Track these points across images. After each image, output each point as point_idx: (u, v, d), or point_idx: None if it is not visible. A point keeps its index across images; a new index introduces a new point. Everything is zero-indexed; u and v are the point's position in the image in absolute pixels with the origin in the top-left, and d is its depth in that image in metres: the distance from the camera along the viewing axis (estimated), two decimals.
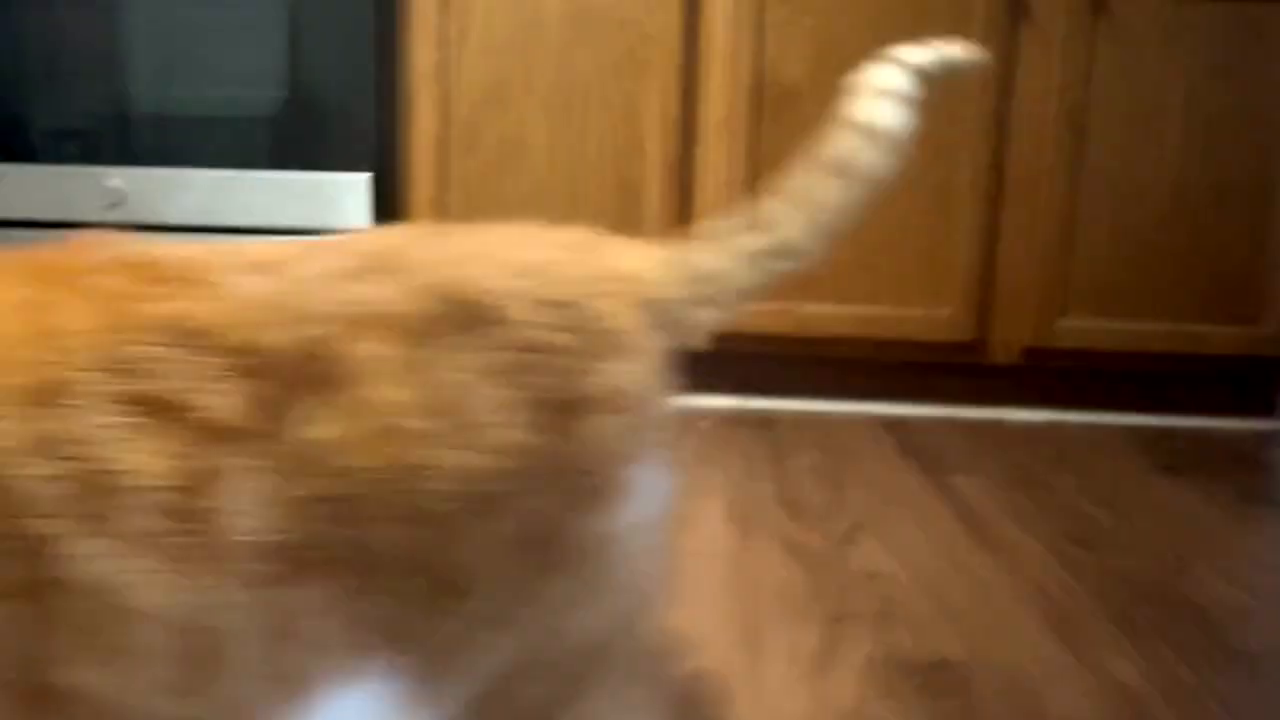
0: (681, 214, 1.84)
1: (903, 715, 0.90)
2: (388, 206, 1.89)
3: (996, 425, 1.85)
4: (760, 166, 1.82)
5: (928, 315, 1.85)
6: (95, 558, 0.40)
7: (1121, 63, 1.78)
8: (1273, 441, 1.81)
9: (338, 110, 1.86)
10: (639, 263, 0.55)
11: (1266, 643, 1.05)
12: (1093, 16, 1.77)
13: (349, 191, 1.85)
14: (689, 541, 1.26)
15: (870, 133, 0.61)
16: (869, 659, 0.99)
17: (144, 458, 0.41)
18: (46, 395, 0.41)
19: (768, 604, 1.10)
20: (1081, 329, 1.85)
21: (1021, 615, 1.10)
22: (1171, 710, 0.92)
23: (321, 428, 0.44)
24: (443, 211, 1.87)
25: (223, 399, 0.43)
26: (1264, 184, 1.81)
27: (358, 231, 0.53)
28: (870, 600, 1.12)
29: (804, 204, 0.60)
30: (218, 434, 0.42)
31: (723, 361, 1.95)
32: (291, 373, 0.44)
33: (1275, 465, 1.68)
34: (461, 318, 0.47)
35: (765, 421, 1.82)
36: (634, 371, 0.50)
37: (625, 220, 1.84)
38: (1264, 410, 1.92)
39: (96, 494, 0.40)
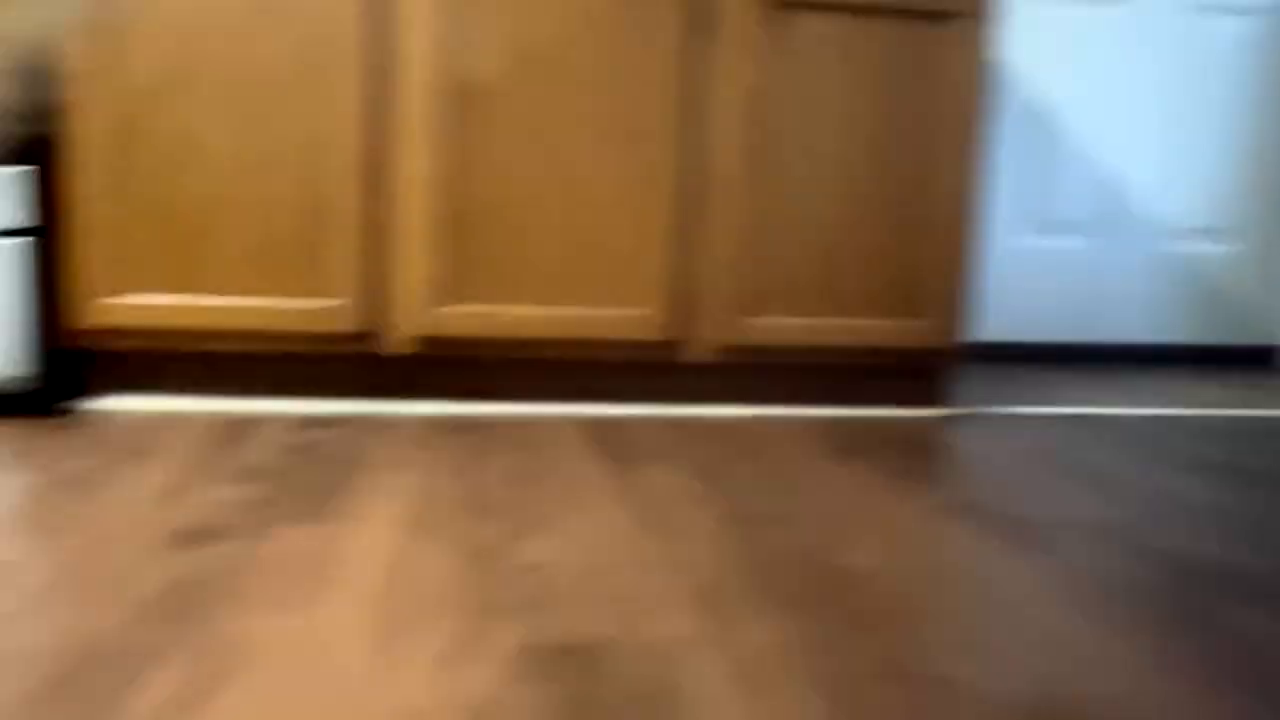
0: (375, 214, 1.78)
1: (533, 700, 0.88)
2: (49, 203, 1.72)
3: (693, 421, 1.90)
4: (456, 161, 1.80)
5: (627, 316, 1.88)
6: None
7: (802, 75, 1.89)
8: (935, 426, 1.96)
9: None
10: None
11: (886, 601, 1.12)
12: (778, 29, 1.87)
13: (1, 186, 1.67)
14: (350, 544, 1.20)
15: None
16: (511, 649, 0.97)
17: None
18: None
19: (420, 601, 1.06)
20: (773, 328, 1.94)
21: (674, 593, 1.11)
22: (790, 668, 0.95)
23: None
24: (116, 207, 1.72)
25: None
26: (925, 190, 1.97)
27: None
28: (527, 591, 1.10)
29: None
30: None
31: (425, 367, 1.90)
32: None
33: (934, 447, 1.82)
34: None
35: (468, 426, 1.78)
36: None
37: (315, 220, 1.76)
38: (929, 399, 2.09)
39: None
